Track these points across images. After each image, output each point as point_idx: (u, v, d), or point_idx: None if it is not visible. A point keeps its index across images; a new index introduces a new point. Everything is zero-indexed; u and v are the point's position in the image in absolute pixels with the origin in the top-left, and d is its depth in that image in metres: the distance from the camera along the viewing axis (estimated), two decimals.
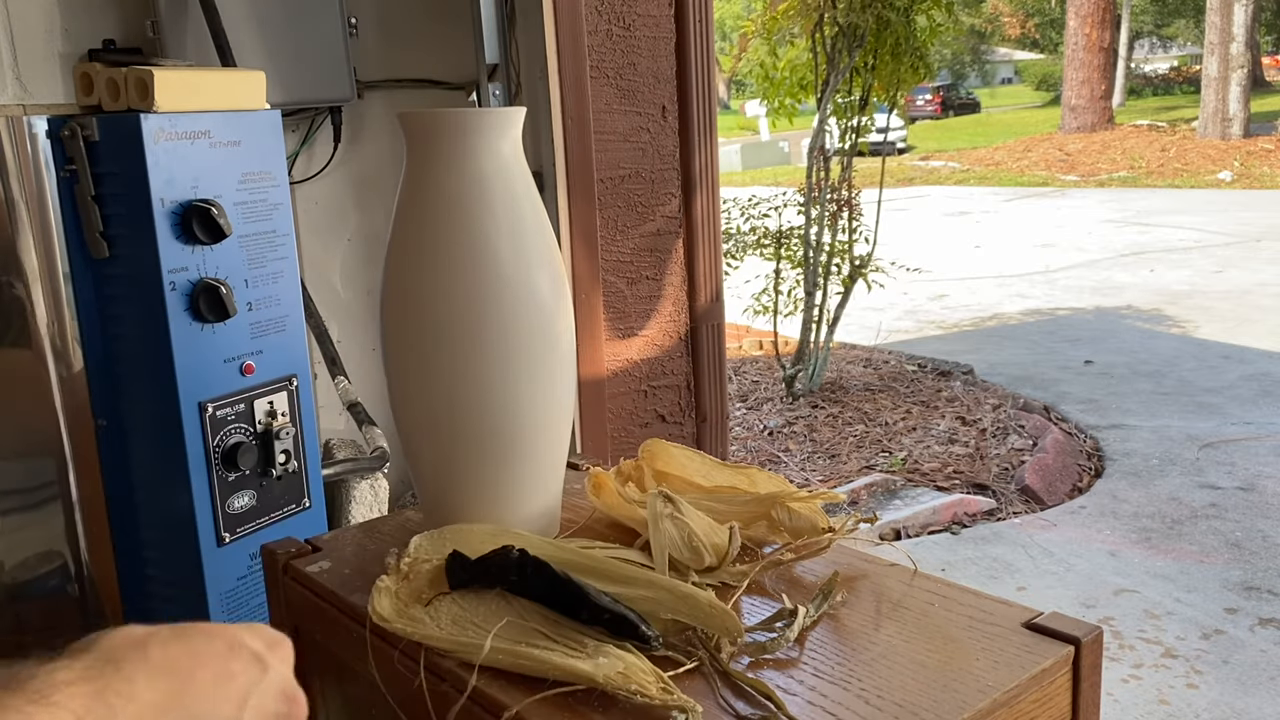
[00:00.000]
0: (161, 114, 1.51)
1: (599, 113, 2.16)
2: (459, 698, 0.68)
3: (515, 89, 2.17)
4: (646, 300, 2.31)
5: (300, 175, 2.19)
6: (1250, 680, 2.53)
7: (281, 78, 1.94)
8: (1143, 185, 13.96)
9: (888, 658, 0.66)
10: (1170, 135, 17.50)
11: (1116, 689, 2.48)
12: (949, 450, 4.22)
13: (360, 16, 2.17)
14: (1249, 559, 3.20)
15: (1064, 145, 17.55)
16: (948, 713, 0.59)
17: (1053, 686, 0.65)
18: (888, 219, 5.53)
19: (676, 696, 0.64)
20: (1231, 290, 7.17)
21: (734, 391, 5.16)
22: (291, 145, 2.15)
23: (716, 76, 2.44)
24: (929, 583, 0.77)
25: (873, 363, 5.68)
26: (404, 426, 0.95)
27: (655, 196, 2.29)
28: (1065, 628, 0.67)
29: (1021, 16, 35.85)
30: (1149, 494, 3.77)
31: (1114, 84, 21.24)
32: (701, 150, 2.32)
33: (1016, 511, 3.68)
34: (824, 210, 4.79)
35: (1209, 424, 4.47)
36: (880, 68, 4.56)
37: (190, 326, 1.54)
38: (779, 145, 19.93)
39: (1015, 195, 13.84)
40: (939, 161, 18.17)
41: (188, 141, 1.53)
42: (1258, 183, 13.29)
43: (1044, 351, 5.89)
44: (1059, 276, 8.17)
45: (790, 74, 4.98)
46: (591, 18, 2.12)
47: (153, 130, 1.49)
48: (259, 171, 1.64)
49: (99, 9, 1.81)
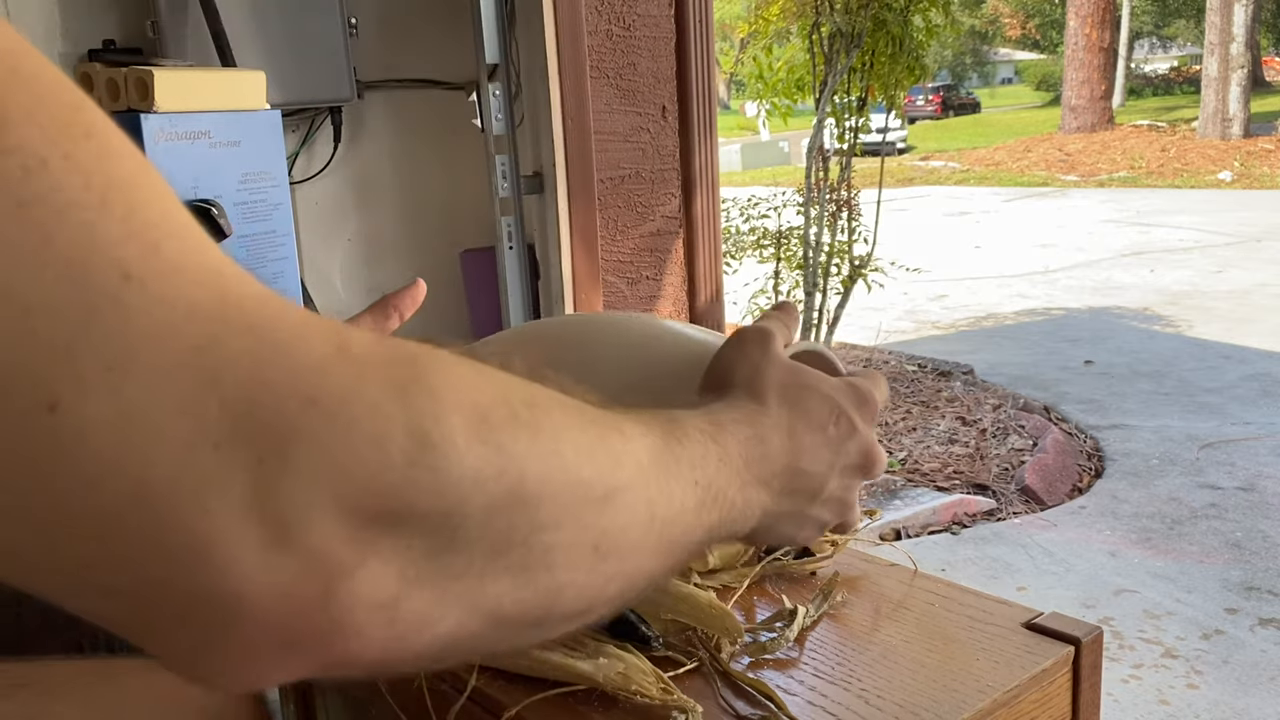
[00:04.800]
0: (161, 114, 1.51)
1: (599, 113, 2.16)
2: (459, 698, 0.68)
3: (515, 89, 2.17)
4: (646, 300, 2.31)
5: (300, 175, 2.19)
6: (1250, 680, 2.53)
7: (281, 78, 1.94)
8: (1143, 185, 13.97)
9: (888, 658, 0.66)
10: (1170, 135, 17.50)
11: (1116, 689, 2.48)
12: (949, 450, 4.22)
13: (360, 16, 2.17)
14: (1249, 559, 3.20)
15: (1064, 145, 17.56)
16: (948, 713, 0.59)
17: (1053, 687, 0.65)
18: (887, 219, 5.53)
19: (676, 697, 0.64)
20: (1232, 290, 7.17)
21: None
22: (291, 145, 2.15)
23: (716, 76, 2.44)
24: (929, 583, 0.77)
25: (873, 363, 5.68)
26: None
27: (655, 196, 2.29)
28: (1065, 628, 0.67)
29: (1022, 17, 35.86)
30: (1149, 494, 3.77)
31: (1114, 84, 21.25)
32: (701, 150, 2.32)
33: (1016, 512, 3.68)
34: (823, 210, 4.79)
35: (1209, 424, 4.47)
36: (877, 68, 4.57)
37: None
38: (779, 145, 19.94)
39: (1015, 195, 13.85)
40: (939, 161, 18.17)
41: (187, 142, 1.54)
42: (1258, 183, 13.29)
43: (1044, 352, 5.89)
44: (1059, 276, 8.17)
45: (788, 74, 4.98)
46: (591, 18, 2.12)
47: (153, 130, 1.49)
48: (259, 171, 1.64)
49: (99, 9, 1.81)
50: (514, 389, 0.36)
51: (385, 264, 2.37)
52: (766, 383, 0.55)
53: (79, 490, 0.26)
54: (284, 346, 0.29)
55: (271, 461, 0.28)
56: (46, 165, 0.26)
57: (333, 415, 0.29)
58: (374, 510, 0.29)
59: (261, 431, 0.28)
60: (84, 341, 0.25)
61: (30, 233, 0.25)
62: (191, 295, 0.28)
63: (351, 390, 0.30)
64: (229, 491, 0.27)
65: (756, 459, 0.51)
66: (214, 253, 0.30)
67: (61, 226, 0.26)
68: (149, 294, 0.27)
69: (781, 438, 0.53)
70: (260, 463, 0.27)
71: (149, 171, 0.29)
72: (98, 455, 0.26)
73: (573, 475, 0.36)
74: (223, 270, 0.29)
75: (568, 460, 0.36)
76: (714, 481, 0.46)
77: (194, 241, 0.29)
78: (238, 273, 0.30)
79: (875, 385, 0.62)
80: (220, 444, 0.27)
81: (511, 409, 0.34)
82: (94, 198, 0.26)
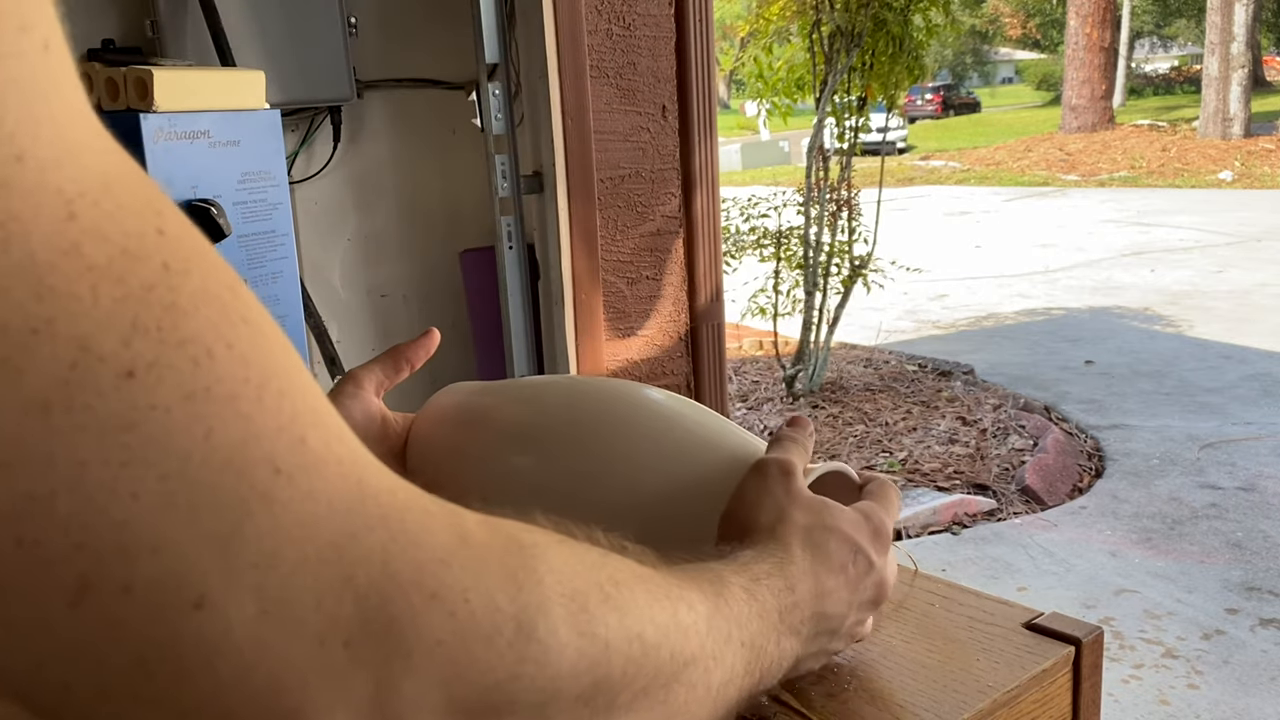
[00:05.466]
0: (161, 114, 1.51)
1: (599, 112, 2.16)
2: None
3: (515, 89, 2.17)
4: (646, 300, 2.31)
5: (300, 175, 2.19)
6: (1251, 681, 2.52)
7: (281, 77, 1.94)
8: (1143, 185, 13.97)
9: (888, 658, 0.66)
10: (1171, 135, 17.50)
11: (1117, 689, 2.48)
12: (949, 450, 4.22)
13: (360, 16, 2.17)
14: (1250, 559, 3.20)
15: (1064, 145, 17.56)
16: (948, 713, 0.59)
17: (1053, 687, 0.64)
18: (888, 219, 5.54)
19: None
20: (1232, 290, 7.17)
21: (734, 391, 5.16)
22: (291, 145, 2.15)
23: (716, 76, 2.43)
24: (929, 583, 0.76)
25: (873, 363, 5.68)
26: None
27: (655, 196, 2.28)
28: (1066, 628, 0.67)
29: (1022, 16, 35.87)
30: (1149, 494, 3.77)
31: (1114, 84, 21.25)
32: (701, 150, 2.32)
33: (1017, 512, 3.68)
34: (824, 210, 4.79)
35: (1210, 424, 4.47)
36: (877, 68, 4.57)
37: None
38: (779, 145, 19.94)
39: (1015, 195, 13.85)
40: (939, 161, 18.17)
41: (187, 141, 1.53)
42: (1258, 183, 13.30)
43: (1044, 351, 5.89)
44: (1059, 276, 8.17)
45: (788, 74, 4.98)
46: (591, 17, 2.12)
47: (152, 130, 1.49)
48: (258, 171, 1.64)
49: (98, 9, 1.81)
50: (603, 567, 0.38)
51: (385, 264, 2.37)
52: (791, 527, 0.57)
53: (216, 689, 0.26)
54: (412, 538, 0.29)
55: (397, 662, 0.28)
56: (212, 356, 0.26)
57: (453, 612, 0.30)
58: (479, 705, 0.30)
59: (389, 628, 0.28)
60: (237, 539, 0.25)
61: (195, 427, 0.25)
62: (332, 488, 0.28)
63: (472, 584, 0.30)
64: (354, 691, 0.27)
65: (788, 608, 0.52)
66: (349, 439, 0.30)
67: (223, 420, 0.25)
68: (296, 489, 0.27)
69: (808, 584, 0.55)
70: (386, 662, 0.28)
71: (291, 353, 0.29)
72: (239, 654, 0.26)
73: (652, 658, 0.37)
74: (357, 458, 0.30)
75: (649, 642, 0.37)
76: (756, 640, 0.48)
77: (334, 429, 0.29)
78: (370, 459, 0.30)
79: (887, 505, 0.63)
80: (351, 641, 0.27)
81: (603, 591, 0.36)
82: (251, 389, 0.26)
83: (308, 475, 0.27)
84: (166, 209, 0.27)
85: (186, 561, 0.25)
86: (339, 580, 0.27)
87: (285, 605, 0.26)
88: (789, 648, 0.52)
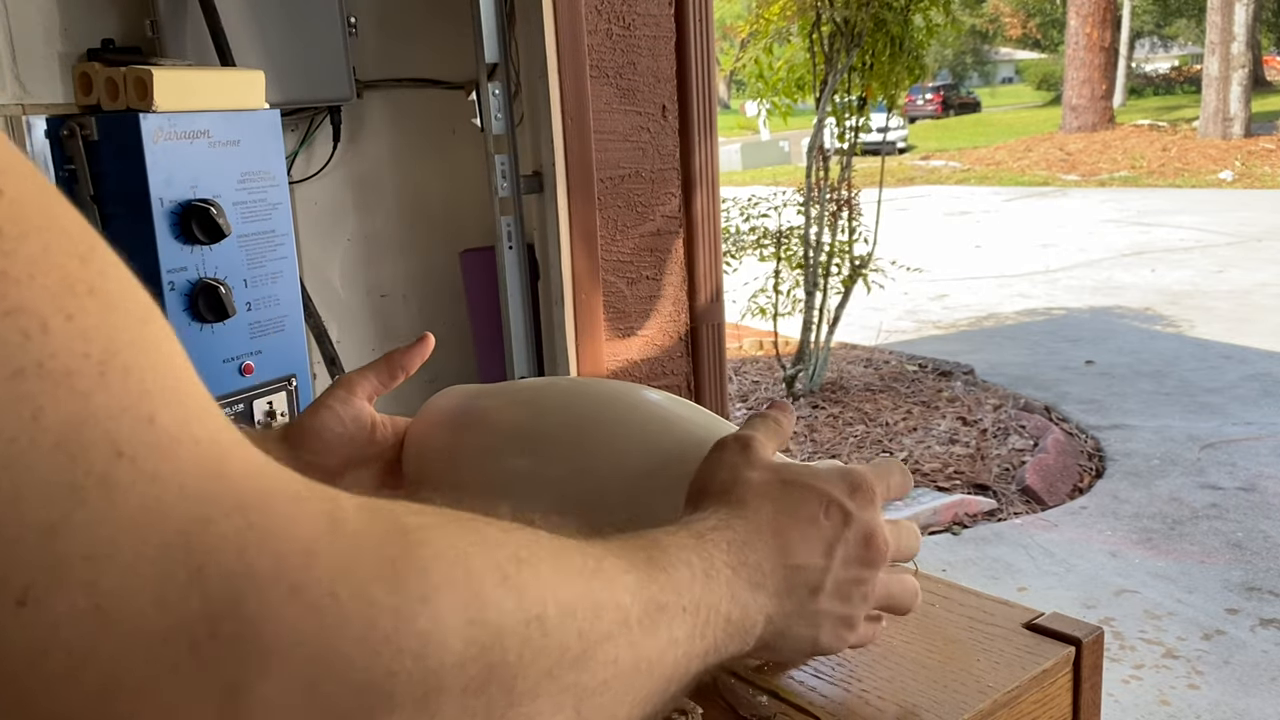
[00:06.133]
0: (160, 114, 1.51)
1: (599, 112, 2.16)
2: None
3: (515, 89, 2.17)
4: (646, 300, 2.31)
5: (299, 175, 2.19)
6: (1251, 681, 2.52)
7: (281, 77, 1.94)
8: (1143, 185, 13.96)
9: (888, 658, 0.66)
10: (1171, 135, 17.50)
11: (1117, 689, 2.48)
12: (950, 450, 4.22)
13: (360, 16, 2.16)
14: (1250, 559, 3.20)
15: (1065, 145, 17.56)
16: (948, 713, 0.59)
17: (1054, 687, 0.64)
18: (888, 219, 5.53)
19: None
20: (1232, 290, 7.17)
21: (734, 392, 5.16)
22: (291, 145, 2.14)
23: (716, 76, 2.43)
24: (930, 583, 0.76)
25: (873, 363, 5.68)
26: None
27: (655, 196, 2.28)
28: (1066, 628, 0.67)
29: (1022, 16, 35.87)
30: (1150, 494, 3.77)
31: (1115, 83, 21.25)
32: (701, 150, 2.32)
33: (1017, 512, 3.68)
34: (824, 210, 4.79)
35: (1210, 424, 4.47)
36: (877, 68, 4.57)
37: (189, 326, 1.54)
38: (779, 145, 19.94)
39: (1016, 195, 13.85)
40: (939, 161, 18.17)
41: (187, 141, 1.53)
42: (1259, 182, 13.29)
43: (1045, 351, 5.89)
44: (1060, 276, 8.17)
45: (788, 74, 4.98)
46: (591, 17, 2.12)
47: (152, 130, 1.49)
48: (258, 171, 1.63)
49: (98, 9, 1.81)
50: (503, 545, 0.35)
51: (385, 264, 2.37)
52: (745, 486, 0.55)
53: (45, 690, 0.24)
54: (274, 526, 0.27)
55: (252, 663, 0.26)
56: (47, 329, 0.24)
57: (318, 608, 0.27)
58: (352, 706, 0.28)
59: (242, 631, 0.26)
60: (66, 528, 0.23)
61: (22, 406, 0.23)
62: (184, 471, 0.26)
63: (340, 576, 0.28)
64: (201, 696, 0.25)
65: (741, 563, 0.50)
66: (213, 419, 0.28)
67: (55, 399, 0.24)
68: (140, 472, 0.25)
69: (765, 537, 0.52)
70: (239, 664, 0.26)
71: (150, 324, 0.27)
72: (67, 654, 0.24)
73: (555, 639, 0.35)
74: (219, 438, 0.28)
75: (549, 624, 0.35)
76: (703, 601, 0.46)
77: (193, 407, 0.27)
78: (235, 439, 0.28)
79: (878, 471, 0.60)
80: (197, 641, 0.25)
81: (502, 571, 0.34)
82: (92, 365, 0.24)
83: (155, 457, 0.25)
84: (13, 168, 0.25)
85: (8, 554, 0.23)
86: (186, 573, 0.25)
87: (121, 601, 0.24)
88: (755, 604, 0.50)
